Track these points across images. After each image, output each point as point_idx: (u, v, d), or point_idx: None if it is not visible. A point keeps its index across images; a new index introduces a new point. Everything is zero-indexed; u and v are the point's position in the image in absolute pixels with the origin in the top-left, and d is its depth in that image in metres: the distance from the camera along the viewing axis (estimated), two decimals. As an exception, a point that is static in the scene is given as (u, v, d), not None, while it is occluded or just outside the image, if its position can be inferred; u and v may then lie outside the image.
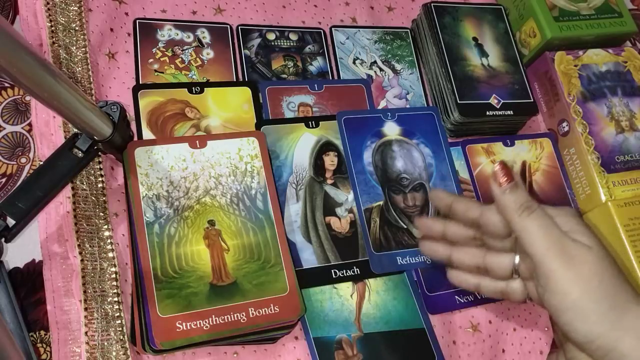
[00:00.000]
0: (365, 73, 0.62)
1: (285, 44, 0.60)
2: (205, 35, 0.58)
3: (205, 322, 0.43)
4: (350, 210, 0.53)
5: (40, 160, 0.47)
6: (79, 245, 0.45)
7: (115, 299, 0.44)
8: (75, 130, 0.46)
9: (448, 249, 0.42)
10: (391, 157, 0.56)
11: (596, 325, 0.33)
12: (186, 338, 0.42)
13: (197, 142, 0.50)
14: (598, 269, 0.33)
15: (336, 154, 0.55)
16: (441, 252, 0.43)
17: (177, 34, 0.57)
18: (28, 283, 0.45)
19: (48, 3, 0.51)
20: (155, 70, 0.54)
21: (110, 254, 0.45)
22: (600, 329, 0.33)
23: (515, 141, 0.62)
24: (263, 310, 0.44)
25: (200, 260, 0.45)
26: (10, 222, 0.43)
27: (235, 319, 0.43)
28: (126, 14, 0.56)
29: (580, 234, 0.35)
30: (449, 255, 0.42)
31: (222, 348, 0.46)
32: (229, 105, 0.55)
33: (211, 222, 0.47)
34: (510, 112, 0.60)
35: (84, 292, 0.43)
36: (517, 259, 0.38)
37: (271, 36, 0.60)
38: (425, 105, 0.62)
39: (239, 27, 0.59)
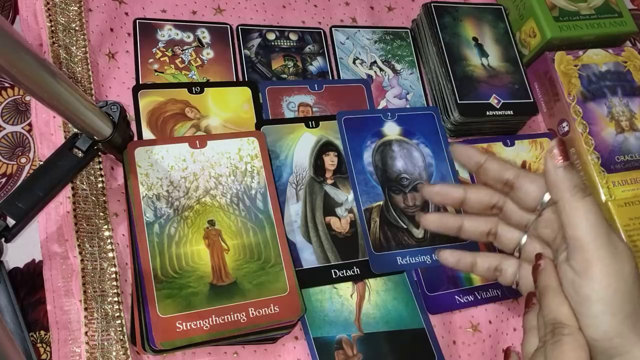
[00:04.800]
0: (365, 73, 0.62)
1: (285, 44, 0.60)
2: (205, 35, 0.58)
3: (205, 322, 0.43)
4: (350, 210, 0.53)
5: (40, 160, 0.47)
6: (79, 245, 0.45)
7: (115, 299, 0.44)
8: (75, 130, 0.46)
9: (459, 218, 0.42)
10: (391, 157, 0.56)
11: (621, 324, 0.32)
12: (186, 338, 0.42)
13: (197, 142, 0.50)
14: (634, 269, 0.33)
15: (336, 154, 0.55)
16: (452, 222, 0.42)
17: (177, 34, 0.57)
18: (28, 283, 0.45)
19: (48, 3, 0.51)
20: (155, 70, 0.54)
21: (110, 254, 0.45)
22: (623, 327, 0.32)
23: (515, 141, 0.62)
24: (263, 310, 0.44)
25: (200, 260, 0.45)
26: (10, 222, 0.43)
27: (235, 319, 0.43)
28: (126, 14, 0.56)
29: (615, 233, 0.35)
30: (460, 225, 0.41)
31: (222, 348, 0.46)
32: (229, 105, 0.55)
33: (211, 222, 0.47)
34: (510, 112, 0.60)
35: (84, 292, 0.43)
36: (524, 239, 0.38)
37: (271, 36, 0.60)
38: (425, 105, 0.62)
39: (239, 27, 0.59)
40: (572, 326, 0.33)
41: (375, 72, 0.62)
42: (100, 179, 0.47)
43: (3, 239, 0.43)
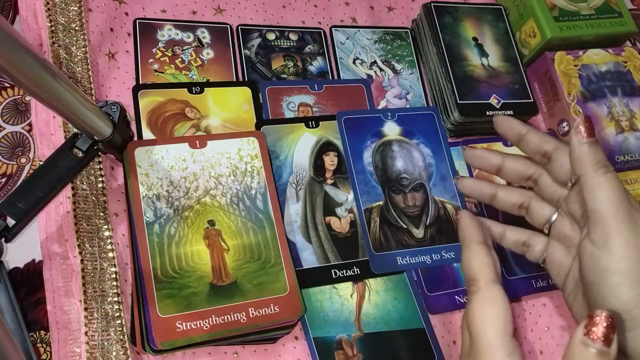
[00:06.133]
0: (365, 73, 0.62)
1: (285, 44, 0.60)
2: (205, 35, 0.58)
3: (205, 322, 0.43)
4: (350, 210, 0.53)
5: (40, 160, 0.47)
6: (79, 245, 0.45)
7: (115, 299, 0.44)
8: (75, 130, 0.46)
9: (494, 187, 0.42)
10: (391, 157, 0.56)
11: (638, 295, 0.32)
12: (186, 338, 0.42)
13: (197, 142, 0.50)
14: None
15: (336, 154, 0.55)
16: (486, 189, 0.42)
17: (177, 34, 0.57)
18: (28, 283, 0.45)
19: (48, 3, 0.51)
20: (155, 70, 0.54)
21: (110, 254, 0.45)
22: None
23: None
24: (263, 310, 0.44)
25: (200, 260, 0.45)
26: (10, 222, 0.43)
27: (235, 319, 0.43)
28: (126, 14, 0.56)
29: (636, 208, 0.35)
30: (494, 193, 0.42)
31: (222, 348, 0.46)
32: (229, 105, 0.55)
33: (211, 222, 0.47)
34: (510, 112, 0.60)
35: (84, 292, 0.43)
36: (555, 215, 0.39)
37: (271, 36, 0.60)
38: (425, 105, 0.62)
39: (239, 27, 0.59)
40: (480, 280, 0.33)
41: (375, 72, 0.62)
42: (100, 179, 0.47)
43: (3, 239, 0.43)
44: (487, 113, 0.59)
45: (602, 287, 0.33)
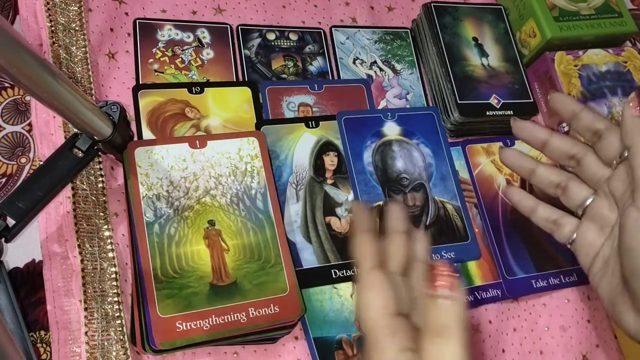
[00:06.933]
0: (365, 73, 0.62)
1: (285, 44, 0.60)
2: (205, 35, 0.58)
3: (205, 322, 0.43)
4: (351, 210, 0.53)
5: (40, 160, 0.47)
6: (79, 245, 0.45)
7: (115, 299, 0.44)
8: (75, 130, 0.46)
9: (534, 162, 0.42)
10: (391, 157, 0.56)
11: None
12: (186, 338, 0.42)
13: (197, 142, 0.50)
14: None
15: (336, 154, 0.55)
16: (527, 163, 0.42)
17: (177, 34, 0.57)
18: (28, 283, 0.45)
19: (48, 3, 0.51)
20: (155, 70, 0.54)
21: (110, 254, 0.45)
22: None
23: (515, 141, 0.62)
24: (263, 310, 0.44)
25: (200, 260, 0.45)
26: (10, 222, 0.43)
27: (235, 319, 0.43)
28: (126, 14, 0.56)
29: None
30: (534, 169, 0.42)
31: (222, 348, 0.46)
32: (229, 105, 0.55)
33: (211, 222, 0.47)
34: (510, 112, 0.60)
35: (84, 292, 0.43)
36: (590, 199, 0.39)
37: (271, 36, 0.60)
38: (425, 105, 0.62)
39: (239, 27, 0.59)
40: (361, 267, 0.32)
41: (375, 72, 0.62)
42: (100, 179, 0.47)
43: (3, 239, 0.43)
44: (487, 113, 0.59)
45: None
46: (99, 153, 0.47)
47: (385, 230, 0.36)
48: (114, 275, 0.45)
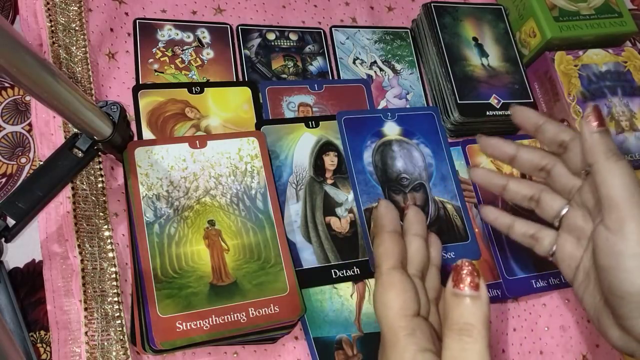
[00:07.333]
0: (365, 73, 0.62)
1: (285, 44, 0.60)
2: (205, 35, 0.58)
3: (205, 322, 0.43)
4: (350, 210, 0.53)
5: (40, 160, 0.47)
6: (79, 245, 0.45)
7: (115, 299, 0.44)
8: (75, 130, 0.46)
9: (505, 178, 0.42)
10: (391, 157, 0.56)
11: None
12: (186, 338, 0.42)
13: (197, 142, 0.50)
14: None
15: (336, 154, 0.55)
16: (497, 180, 0.42)
17: (177, 34, 0.57)
18: (28, 283, 0.45)
19: (48, 3, 0.51)
20: (155, 70, 0.54)
21: (110, 254, 0.45)
22: None
23: (515, 141, 0.62)
24: (263, 310, 0.44)
25: (200, 260, 0.45)
26: (10, 222, 0.43)
27: (235, 319, 0.43)
28: (126, 14, 0.56)
29: None
30: (505, 185, 0.42)
31: (222, 348, 0.46)
32: (229, 105, 0.55)
33: (211, 222, 0.47)
34: (510, 112, 0.60)
35: (84, 292, 0.43)
36: (565, 209, 0.39)
37: (271, 36, 0.60)
38: (425, 105, 0.62)
39: (239, 27, 0.59)
40: (382, 267, 0.33)
41: (375, 72, 0.62)
42: (100, 179, 0.47)
43: (3, 239, 0.43)
44: (487, 113, 0.59)
45: (617, 272, 0.33)
46: (99, 153, 0.47)
47: (404, 233, 0.36)
48: (114, 275, 0.45)
